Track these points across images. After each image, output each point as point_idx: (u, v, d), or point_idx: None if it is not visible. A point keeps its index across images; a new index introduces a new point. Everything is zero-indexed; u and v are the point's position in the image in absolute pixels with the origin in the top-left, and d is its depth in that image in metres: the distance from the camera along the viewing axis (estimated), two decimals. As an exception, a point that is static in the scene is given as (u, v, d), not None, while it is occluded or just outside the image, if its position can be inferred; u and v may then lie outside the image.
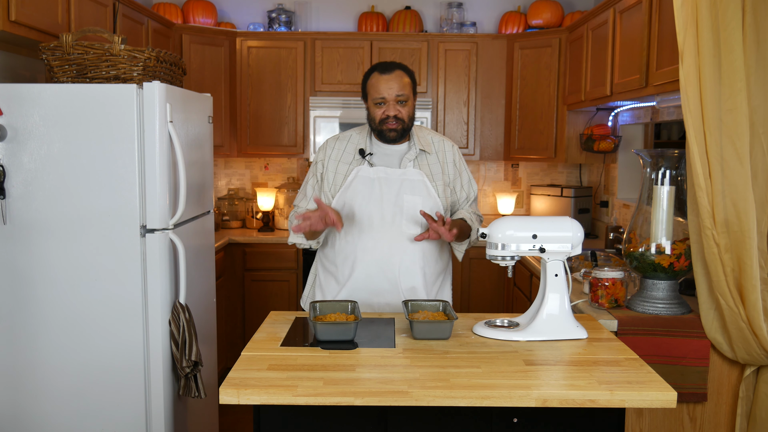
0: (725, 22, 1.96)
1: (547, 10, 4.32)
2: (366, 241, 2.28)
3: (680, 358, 2.19)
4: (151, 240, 2.35)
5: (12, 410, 2.38)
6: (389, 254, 2.27)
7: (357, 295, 2.28)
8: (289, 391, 1.56)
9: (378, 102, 2.27)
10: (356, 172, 2.32)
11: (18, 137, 2.29)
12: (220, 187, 4.71)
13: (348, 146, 2.37)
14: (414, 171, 2.32)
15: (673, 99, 2.78)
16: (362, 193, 2.29)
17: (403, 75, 2.27)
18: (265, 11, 4.60)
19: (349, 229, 2.30)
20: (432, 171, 2.35)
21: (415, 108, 2.34)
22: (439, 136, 2.43)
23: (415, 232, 2.28)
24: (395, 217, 2.28)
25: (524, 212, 4.77)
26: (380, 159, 2.34)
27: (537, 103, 4.24)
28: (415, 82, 2.33)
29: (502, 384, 1.61)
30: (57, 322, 2.35)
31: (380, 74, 2.26)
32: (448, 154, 2.40)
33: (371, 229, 2.28)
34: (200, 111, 2.81)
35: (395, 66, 2.28)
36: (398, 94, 2.24)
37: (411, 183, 2.30)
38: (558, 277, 1.97)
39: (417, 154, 2.34)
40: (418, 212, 2.27)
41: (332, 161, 2.37)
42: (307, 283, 2.55)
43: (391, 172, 2.31)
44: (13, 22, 2.33)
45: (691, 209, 2.10)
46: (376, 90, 2.26)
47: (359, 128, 2.44)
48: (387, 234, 2.27)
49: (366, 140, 2.36)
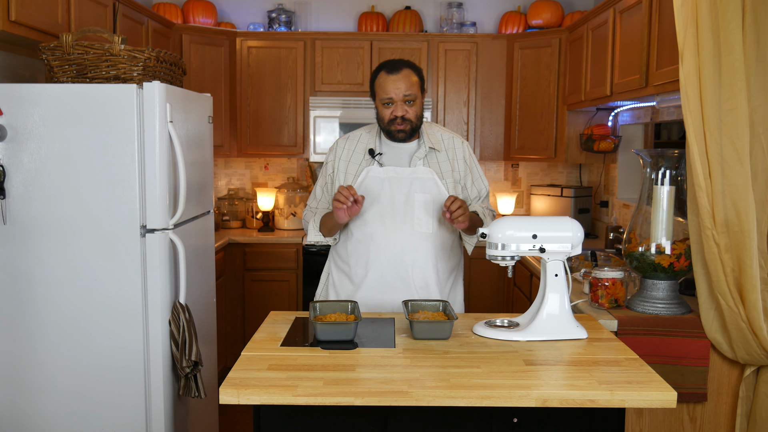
0: (725, 22, 1.96)
1: (547, 10, 4.32)
2: (379, 240, 2.29)
3: (680, 358, 2.19)
4: (151, 240, 2.35)
5: (12, 410, 2.38)
6: (402, 253, 2.28)
7: (372, 294, 2.30)
8: (289, 391, 1.56)
9: (386, 102, 2.26)
10: (366, 172, 2.33)
11: (18, 137, 2.29)
12: (220, 187, 4.72)
13: (358, 146, 2.38)
14: (424, 169, 2.32)
15: (673, 99, 2.78)
16: (373, 193, 2.30)
17: (410, 74, 2.26)
18: (265, 11, 4.60)
19: (361, 228, 2.31)
20: (442, 169, 2.35)
21: (423, 106, 2.33)
22: (449, 133, 2.42)
23: (426, 230, 2.29)
24: (406, 216, 2.29)
25: (524, 212, 4.77)
26: (390, 158, 2.35)
27: (537, 103, 4.24)
28: (423, 79, 2.32)
29: (502, 384, 1.61)
30: (57, 322, 2.35)
31: (387, 74, 2.25)
32: (458, 151, 2.39)
33: (383, 229, 2.29)
34: (200, 111, 2.81)
35: (403, 65, 2.27)
36: (406, 94, 2.24)
37: (421, 181, 2.31)
38: (558, 277, 1.97)
39: (427, 152, 2.34)
40: (429, 211, 2.29)
41: (342, 162, 2.37)
42: (320, 281, 2.55)
43: (401, 171, 2.32)
44: (13, 22, 2.33)
45: (691, 209, 2.10)
46: (383, 90, 2.26)
47: (368, 127, 2.44)
48: (399, 233, 2.28)
49: (375, 139, 2.37)
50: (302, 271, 4.14)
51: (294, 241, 4.15)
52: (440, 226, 2.33)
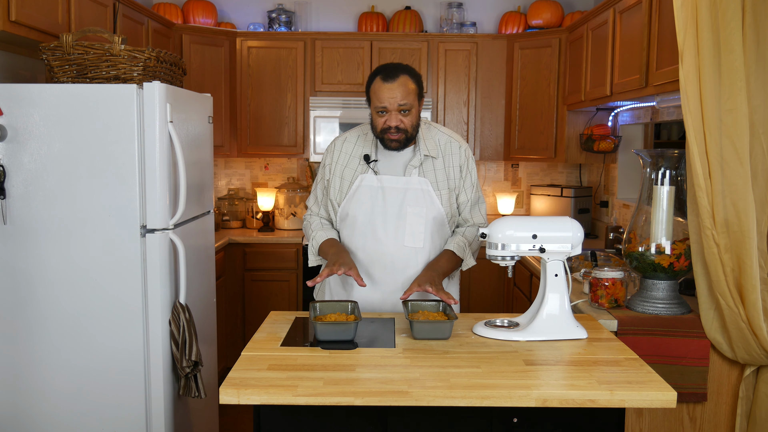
0: (725, 22, 1.96)
1: (547, 10, 4.32)
2: (370, 253, 2.28)
3: (680, 358, 2.19)
4: (151, 240, 2.35)
5: (12, 410, 2.38)
6: (392, 268, 2.27)
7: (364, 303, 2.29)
8: (289, 391, 1.56)
9: (380, 111, 2.17)
10: (360, 180, 2.28)
11: (18, 137, 2.29)
12: (220, 187, 4.72)
13: (354, 150, 2.33)
14: (418, 179, 2.26)
15: (673, 99, 2.78)
16: (366, 203, 2.27)
17: (407, 81, 2.15)
18: (265, 11, 4.60)
19: (353, 238, 2.30)
20: (437, 177, 2.28)
21: (420, 114, 2.24)
22: (447, 136, 2.33)
23: (417, 245, 2.26)
24: (398, 230, 2.26)
25: (524, 212, 4.77)
26: (385, 165, 2.30)
27: (537, 103, 4.24)
28: (422, 86, 2.22)
29: (502, 384, 1.61)
30: (57, 322, 2.35)
31: (383, 81, 2.14)
32: (455, 157, 2.31)
33: (375, 242, 2.27)
34: (200, 111, 2.81)
35: (400, 71, 2.16)
36: (401, 104, 2.13)
37: (414, 193, 2.26)
38: (558, 277, 1.97)
39: (422, 160, 2.27)
40: (420, 226, 2.25)
41: (339, 166, 2.34)
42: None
43: (395, 181, 2.26)
44: (13, 22, 2.33)
45: (691, 209, 2.10)
46: (377, 98, 2.15)
47: (366, 128, 2.36)
48: (390, 247, 2.26)
49: (371, 145, 2.31)
50: (302, 271, 4.14)
51: (294, 241, 4.15)
52: (432, 241, 2.29)
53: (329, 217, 2.41)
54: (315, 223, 2.40)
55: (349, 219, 2.30)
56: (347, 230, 2.32)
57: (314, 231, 2.36)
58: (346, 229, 2.33)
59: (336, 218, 2.36)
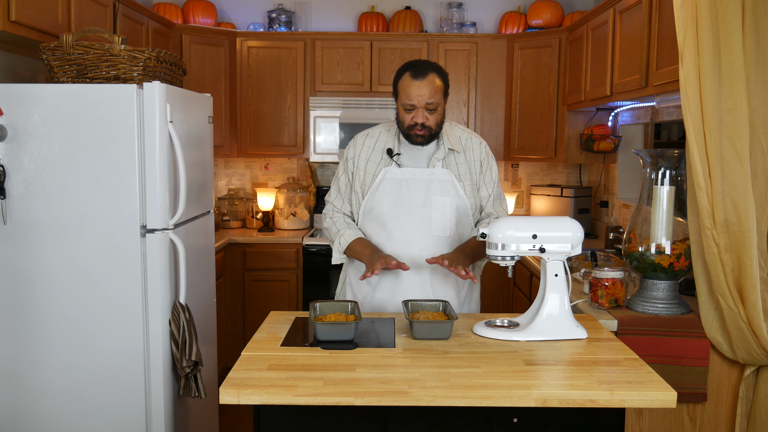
0: (725, 22, 1.96)
1: (547, 10, 4.32)
2: (396, 244, 2.28)
3: (680, 358, 2.19)
4: (151, 240, 2.35)
5: (12, 410, 2.38)
6: (420, 257, 2.27)
7: (389, 295, 2.29)
8: (289, 391, 1.56)
9: (407, 108, 2.21)
10: (384, 173, 2.31)
11: (18, 137, 2.29)
12: (220, 187, 4.72)
13: (377, 144, 2.36)
14: (442, 171, 2.30)
15: (673, 99, 2.78)
16: (391, 195, 2.29)
17: (435, 79, 2.19)
18: (265, 11, 4.60)
19: (379, 231, 2.31)
20: (460, 171, 2.32)
21: (445, 111, 2.27)
22: (467, 133, 2.39)
23: (443, 233, 2.28)
24: (423, 219, 2.28)
25: (524, 212, 4.77)
26: (408, 159, 2.33)
27: (537, 103, 4.24)
28: (448, 84, 2.26)
29: (502, 384, 1.61)
30: (57, 322, 2.35)
31: (413, 78, 2.18)
32: (476, 152, 2.35)
33: (401, 232, 2.28)
34: (200, 111, 2.81)
35: (429, 69, 2.19)
36: (428, 102, 2.18)
37: (439, 183, 2.29)
38: (558, 277, 1.97)
39: (446, 153, 2.31)
40: (446, 214, 2.27)
41: (362, 160, 2.36)
42: (339, 280, 2.54)
43: (419, 172, 2.30)
44: (13, 22, 2.33)
45: (691, 209, 2.10)
46: (406, 95, 2.19)
47: (388, 124, 2.41)
48: (417, 237, 2.28)
49: (394, 139, 2.34)
50: (302, 271, 4.14)
51: (294, 241, 4.15)
52: (457, 229, 2.31)
53: (351, 213, 2.42)
54: (340, 221, 2.40)
55: (374, 212, 2.31)
56: (372, 223, 2.33)
57: (341, 229, 2.37)
58: (370, 222, 2.33)
59: (359, 212, 2.37)
